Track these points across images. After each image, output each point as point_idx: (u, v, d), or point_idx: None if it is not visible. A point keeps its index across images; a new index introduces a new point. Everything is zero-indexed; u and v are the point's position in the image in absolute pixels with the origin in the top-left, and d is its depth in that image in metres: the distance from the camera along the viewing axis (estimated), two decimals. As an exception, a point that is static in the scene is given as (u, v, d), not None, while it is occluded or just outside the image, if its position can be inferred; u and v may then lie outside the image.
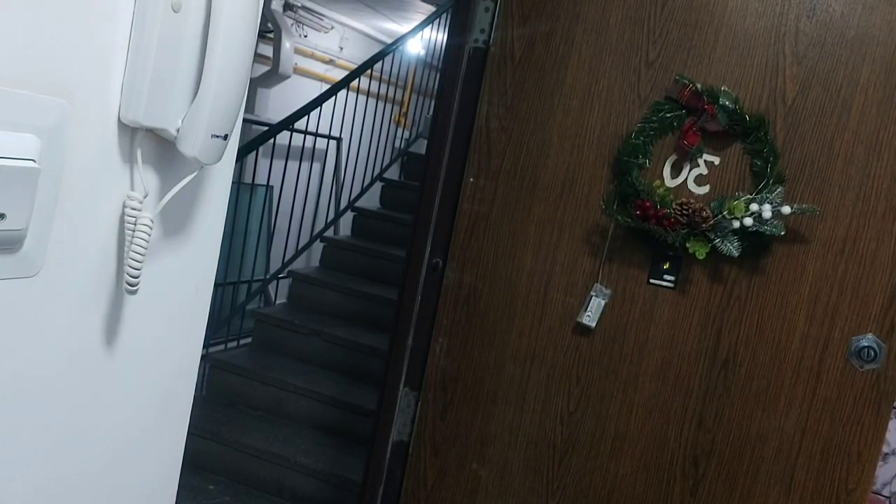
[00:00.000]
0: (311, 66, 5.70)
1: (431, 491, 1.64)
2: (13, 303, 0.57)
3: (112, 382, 0.69)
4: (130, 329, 0.69)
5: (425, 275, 1.61)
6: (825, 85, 1.37)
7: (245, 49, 0.63)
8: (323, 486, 3.05)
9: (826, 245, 1.42)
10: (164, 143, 0.66)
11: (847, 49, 1.36)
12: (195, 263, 0.76)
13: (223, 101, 0.63)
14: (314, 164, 5.08)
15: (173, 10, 0.60)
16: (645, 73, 1.46)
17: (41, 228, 0.57)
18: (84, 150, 0.60)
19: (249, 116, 4.79)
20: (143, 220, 0.62)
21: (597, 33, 1.48)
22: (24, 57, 0.54)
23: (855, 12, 1.35)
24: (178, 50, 0.62)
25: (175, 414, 0.79)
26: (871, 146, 1.36)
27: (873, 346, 1.41)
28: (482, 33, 1.55)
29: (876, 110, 1.35)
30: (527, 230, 1.54)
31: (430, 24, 5.14)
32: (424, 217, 1.61)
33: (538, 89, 1.52)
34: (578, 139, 1.50)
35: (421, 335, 1.62)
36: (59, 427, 0.64)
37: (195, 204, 0.73)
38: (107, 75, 0.61)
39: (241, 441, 3.14)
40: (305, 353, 3.67)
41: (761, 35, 1.39)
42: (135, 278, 0.63)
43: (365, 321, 3.81)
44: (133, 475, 0.74)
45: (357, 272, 4.21)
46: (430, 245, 1.61)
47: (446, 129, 1.58)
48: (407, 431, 1.64)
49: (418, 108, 6.20)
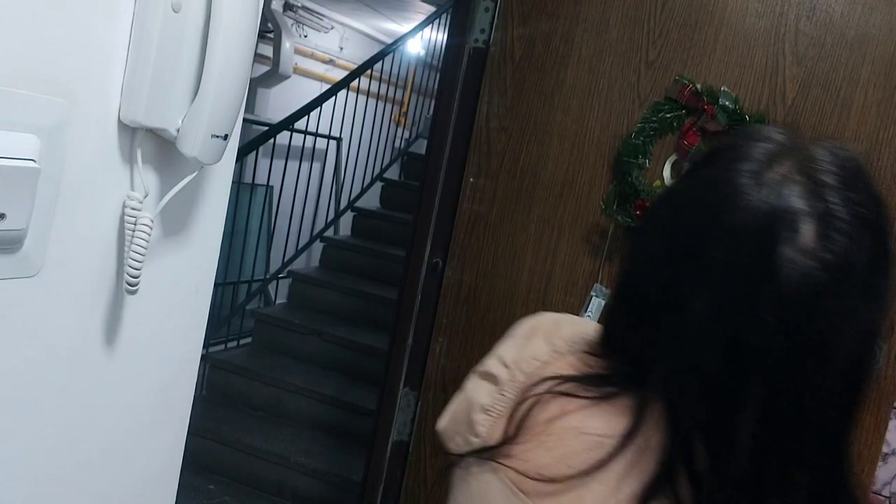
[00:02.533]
0: (311, 66, 5.70)
1: (432, 491, 1.64)
2: (13, 303, 0.57)
3: (112, 382, 0.69)
4: (130, 329, 0.69)
5: (425, 275, 1.61)
6: (825, 85, 1.37)
7: (245, 49, 0.63)
8: (323, 486, 3.05)
9: (826, 245, 1.42)
10: (164, 143, 0.66)
11: (847, 49, 1.36)
12: (195, 263, 0.76)
13: (223, 101, 0.63)
14: (314, 164, 5.08)
15: (173, 10, 0.60)
16: (645, 73, 1.46)
17: (41, 228, 0.57)
18: (84, 150, 0.60)
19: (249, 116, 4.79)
20: (143, 220, 0.62)
21: (597, 33, 1.48)
22: (24, 57, 0.54)
23: (855, 12, 1.35)
24: (178, 50, 0.62)
25: (175, 414, 0.79)
26: (871, 146, 1.36)
27: (873, 346, 1.41)
28: (482, 33, 1.55)
29: (876, 110, 1.35)
30: (527, 230, 1.54)
31: (430, 24, 5.14)
32: (424, 217, 1.61)
33: (538, 89, 1.52)
34: (578, 139, 1.50)
35: (421, 335, 1.62)
36: (58, 426, 0.64)
37: (195, 204, 0.73)
38: (107, 75, 0.61)
39: (241, 441, 3.14)
40: (305, 353, 3.67)
41: (761, 35, 1.39)
42: (135, 278, 0.63)
43: (365, 321, 3.81)
44: (133, 475, 0.75)
45: (357, 272, 4.21)
46: (430, 245, 1.61)
47: (446, 129, 1.58)
48: (407, 431, 1.64)
49: (418, 108, 6.20)
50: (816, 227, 0.55)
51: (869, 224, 0.56)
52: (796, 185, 0.56)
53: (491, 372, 0.71)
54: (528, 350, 0.71)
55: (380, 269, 4.18)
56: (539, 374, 0.67)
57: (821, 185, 0.56)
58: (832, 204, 0.55)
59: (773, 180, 0.57)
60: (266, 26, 4.87)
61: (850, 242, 0.54)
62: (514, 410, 0.66)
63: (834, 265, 0.54)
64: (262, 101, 5.20)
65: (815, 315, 0.55)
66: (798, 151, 0.59)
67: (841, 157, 0.59)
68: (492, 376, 0.70)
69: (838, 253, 0.54)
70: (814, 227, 0.55)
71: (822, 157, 0.58)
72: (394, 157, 5.56)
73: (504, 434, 0.65)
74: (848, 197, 0.56)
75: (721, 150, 0.64)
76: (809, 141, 0.61)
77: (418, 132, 6.07)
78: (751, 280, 0.55)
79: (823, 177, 0.56)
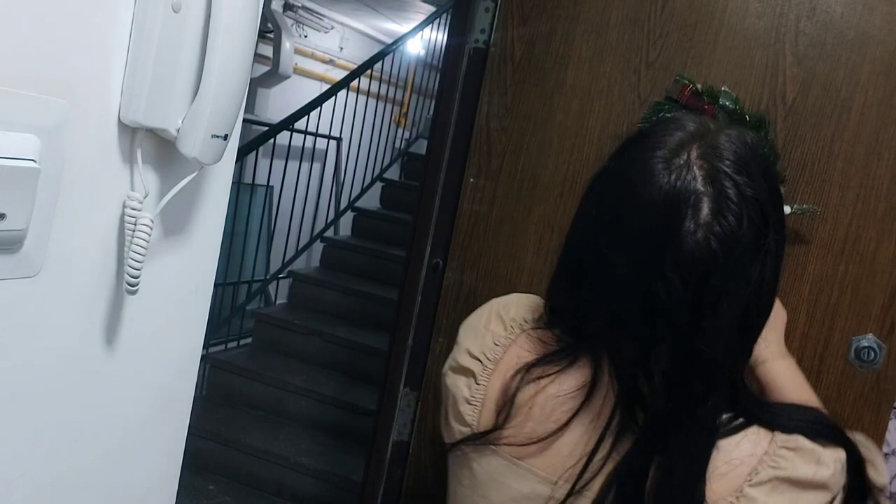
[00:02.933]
0: (311, 66, 5.70)
1: (432, 491, 1.64)
2: (13, 303, 0.57)
3: (112, 382, 0.69)
4: (130, 329, 0.69)
5: (425, 275, 1.61)
6: (825, 85, 1.37)
7: (245, 49, 0.63)
8: (323, 486, 3.05)
9: (826, 245, 1.42)
10: (164, 143, 0.66)
11: (847, 49, 1.36)
12: (195, 263, 0.76)
13: (223, 101, 0.63)
14: (314, 164, 5.08)
15: (173, 10, 0.60)
16: (645, 74, 1.46)
17: (41, 228, 0.57)
18: (84, 150, 0.60)
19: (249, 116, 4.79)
20: (143, 220, 0.62)
21: (597, 34, 1.48)
22: (24, 57, 0.54)
23: (855, 12, 1.35)
24: (178, 50, 0.62)
25: (175, 414, 0.79)
26: (871, 146, 1.36)
27: (873, 346, 1.40)
28: (482, 33, 1.54)
29: (876, 111, 1.35)
30: (527, 230, 1.54)
31: (430, 24, 5.14)
32: (424, 217, 1.61)
33: (538, 90, 1.52)
34: (579, 139, 1.50)
35: (421, 335, 1.62)
36: (58, 426, 0.64)
37: (195, 204, 0.73)
38: (107, 75, 0.61)
39: (241, 441, 3.14)
40: (305, 353, 3.67)
41: (761, 35, 1.39)
42: (135, 278, 0.63)
43: (365, 321, 3.81)
44: (133, 475, 0.75)
45: (357, 272, 4.21)
46: (430, 245, 1.61)
47: (446, 130, 1.58)
48: (407, 431, 1.64)
49: (418, 108, 6.20)
50: (711, 206, 0.67)
51: (755, 203, 0.69)
52: (699, 171, 0.68)
53: (465, 366, 0.82)
54: (488, 338, 0.82)
55: (380, 270, 4.18)
56: (506, 362, 0.80)
57: (717, 170, 0.68)
58: (725, 187, 0.68)
59: (679, 165, 0.69)
60: (266, 26, 4.87)
61: (737, 219, 0.67)
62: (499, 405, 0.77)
63: (723, 237, 0.67)
64: (262, 101, 5.20)
65: (709, 274, 0.67)
66: (703, 139, 0.71)
67: (738, 145, 0.71)
68: (467, 370, 0.82)
69: (727, 227, 0.67)
70: (709, 205, 0.67)
71: (724, 145, 0.71)
72: (394, 157, 5.56)
73: (495, 424, 0.77)
74: (738, 181, 0.68)
75: (643, 136, 0.75)
76: (717, 130, 0.72)
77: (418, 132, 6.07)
78: (658, 245, 0.68)
79: (720, 164, 0.69)
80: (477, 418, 0.79)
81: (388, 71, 5.06)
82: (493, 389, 0.79)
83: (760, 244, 0.69)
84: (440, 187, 1.59)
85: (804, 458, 0.72)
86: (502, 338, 0.82)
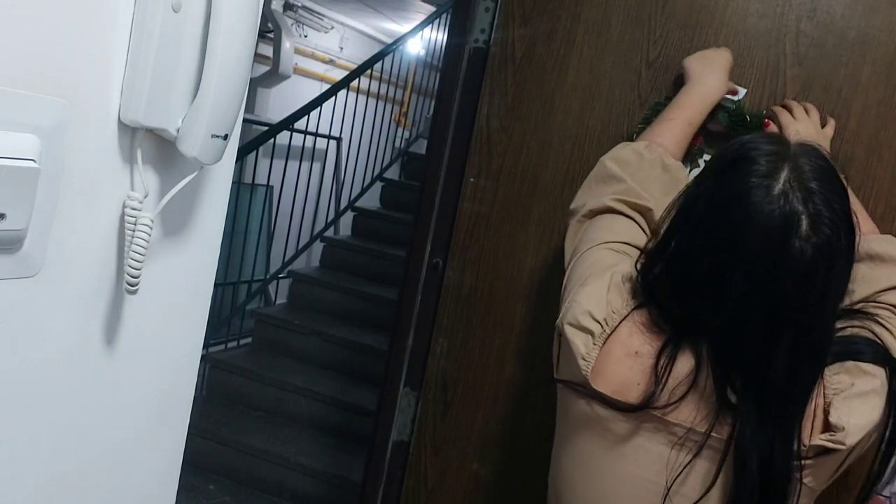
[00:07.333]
0: (311, 66, 5.70)
1: (432, 491, 1.64)
2: (13, 303, 0.57)
3: (112, 382, 0.69)
4: (130, 329, 0.69)
5: (425, 275, 1.61)
6: (826, 86, 1.37)
7: (245, 49, 0.63)
8: (323, 486, 3.05)
9: (826, 246, 1.42)
10: (164, 143, 0.66)
11: (848, 50, 1.36)
12: (195, 263, 0.76)
13: (223, 101, 0.63)
14: (314, 164, 5.07)
15: (173, 10, 0.60)
16: (646, 74, 1.45)
17: (41, 228, 0.57)
18: (84, 150, 0.60)
19: (249, 116, 4.79)
20: (143, 220, 0.62)
21: (598, 34, 1.48)
22: (23, 57, 0.54)
23: (856, 13, 1.35)
24: (178, 50, 0.62)
25: (175, 414, 0.79)
26: (871, 147, 1.36)
27: (874, 346, 1.40)
28: (482, 33, 1.54)
29: (876, 111, 1.35)
30: (527, 230, 1.54)
31: (430, 24, 5.14)
32: (424, 217, 1.61)
33: (539, 89, 1.51)
34: (579, 139, 1.50)
35: (421, 335, 1.62)
36: (58, 427, 0.64)
37: (195, 204, 0.73)
38: (107, 75, 0.61)
39: (241, 441, 3.14)
40: (305, 353, 3.67)
41: (762, 36, 1.39)
42: (135, 278, 0.63)
43: (365, 321, 3.81)
44: (133, 475, 0.74)
45: (357, 272, 4.21)
46: (430, 245, 1.61)
47: (446, 129, 1.58)
48: (407, 431, 1.64)
49: (418, 108, 6.20)
50: (809, 223, 0.83)
51: (843, 214, 0.85)
52: (795, 194, 0.84)
53: (586, 326, 0.95)
54: (609, 305, 0.96)
55: (380, 269, 4.18)
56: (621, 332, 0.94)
57: (810, 191, 0.84)
58: (818, 205, 0.84)
59: (780, 191, 0.84)
60: (266, 26, 4.87)
61: (831, 231, 0.83)
62: (660, 387, 0.90)
63: (823, 247, 0.83)
64: (262, 101, 5.20)
65: (816, 279, 0.84)
66: (788, 162, 0.86)
67: (817, 165, 0.87)
68: (587, 330, 0.94)
69: (824, 238, 0.83)
70: (807, 222, 0.83)
71: (806, 167, 0.86)
72: (394, 157, 5.56)
73: (646, 400, 0.90)
74: (827, 198, 0.84)
75: (732, 161, 0.90)
76: (797, 152, 0.88)
77: (418, 132, 6.07)
78: (774, 260, 0.84)
79: (811, 184, 0.84)
80: (585, 373, 0.92)
81: (388, 71, 5.06)
82: (606, 353, 0.92)
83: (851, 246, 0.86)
84: (440, 187, 1.59)
85: (851, 374, 0.89)
86: (620, 306, 0.95)
